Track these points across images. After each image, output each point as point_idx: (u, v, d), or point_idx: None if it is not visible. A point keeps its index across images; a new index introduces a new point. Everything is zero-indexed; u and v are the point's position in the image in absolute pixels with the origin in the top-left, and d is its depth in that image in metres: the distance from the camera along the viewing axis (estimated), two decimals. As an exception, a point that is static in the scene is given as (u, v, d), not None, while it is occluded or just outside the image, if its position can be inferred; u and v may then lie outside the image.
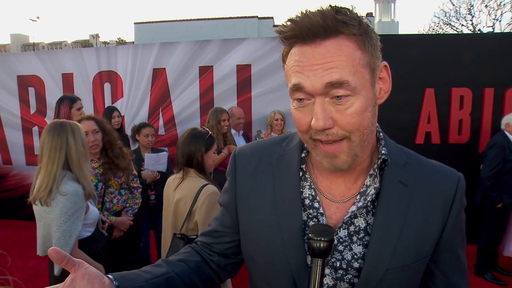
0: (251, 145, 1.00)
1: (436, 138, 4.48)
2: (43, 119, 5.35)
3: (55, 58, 5.35)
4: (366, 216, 0.83)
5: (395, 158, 0.85)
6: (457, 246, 0.88)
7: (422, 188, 0.84)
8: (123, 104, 5.17)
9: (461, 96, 4.40)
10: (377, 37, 0.75)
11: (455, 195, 0.85)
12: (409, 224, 0.81)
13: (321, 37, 0.69)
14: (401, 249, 0.80)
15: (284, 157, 0.90)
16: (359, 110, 0.71)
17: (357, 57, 0.70)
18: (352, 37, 0.70)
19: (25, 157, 5.53)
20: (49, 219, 1.98)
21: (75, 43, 69.22)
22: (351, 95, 0.71)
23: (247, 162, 0.94)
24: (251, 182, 0.92)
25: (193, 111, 5.00)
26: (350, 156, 0.75)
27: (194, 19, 44.71)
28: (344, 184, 0.85)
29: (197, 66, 4.91)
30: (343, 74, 0.69)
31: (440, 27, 28.96)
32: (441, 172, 0.88)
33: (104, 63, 5.18)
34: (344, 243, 0.82)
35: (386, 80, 0.79)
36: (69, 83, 5.27)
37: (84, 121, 2.65)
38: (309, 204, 0.85)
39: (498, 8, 25.98)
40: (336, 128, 0.72)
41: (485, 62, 4.31)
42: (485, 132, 4.40)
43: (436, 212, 0.84)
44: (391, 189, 0.82)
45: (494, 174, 3.72)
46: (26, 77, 5.37)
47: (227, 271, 1.01)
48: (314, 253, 0.72)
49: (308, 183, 0.87)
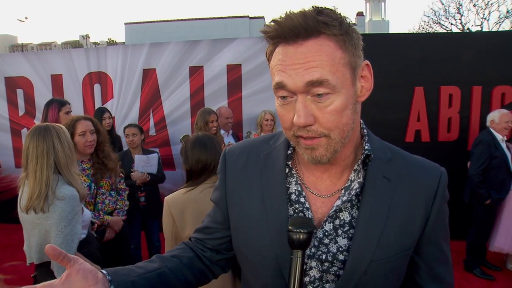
0: (241, 144, 1.03)
1: (426, 136, 4.53)
2: (32, 120, 5.28)
3: (44, 59, 5.29)
4: (351, 210, 0.85)
5: (379, 154, 0.88)
6: (440, 238, 0.90)
7: (406, 183, 0.86)
8: (114, 105, 5.13)
9: (450, 94, 4.46)
10: (358, 36, 0.78)
11: (437, 189, 0.87)
12: (393, 217, 0.84)
13: (302, 37, 0.72)
14: (384, 241, 0.83)
15: (271, 154, 0.93)
16: (339, 108, 0.74)
17: (338, 57, 0.73)
18: (333, 37, 0.72)
19: (14, 160, 5.46)
20: (46, 225, 1.92)
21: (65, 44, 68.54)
22: (331, 93, 0.73)
23: (236, 160, 0.98)
24: (240, 178, 0.95)
25: (183, 111, 4.98)
26: (329, 151, 0.78)
27: (185, 19, 44.55)
28: (330, 179, 0.88)
29: (187, 66, 4.90)
30: (323, 73, 0.72)
31: (430, 26, 29.24)
32: (424, 167, 0.90)
33: (94, 64, 5.14)
34: (329, 236, 0.85)
35: (368, 78, 0.80)
36: (59, 84, 5.22)
37: (82, 121, 2.66)
38: (295, 199, 0.88)
39: (486, 7, 26.30)
40: (317, 125, 0.75)
41: (473, 60, 4.37)
42: (473, 129, 4.46)
43: (419, 206, 0.86)
44: (375, 184, 0.85)
45: (482, 171, 3.78)
46: (14, 79, 5.30)
47: (220, 266, 1.04)
48: (294, 245, 0.75)
49: (295, 179, 0.89)
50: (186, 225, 2.04)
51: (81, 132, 2.65)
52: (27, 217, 1.95)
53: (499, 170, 3.78)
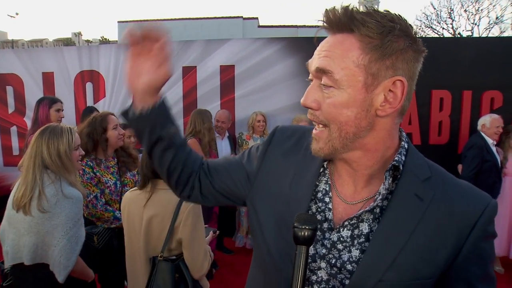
0: (294, 127, 1.03)
1: (417, 139, 4.57)
2: (22, 118, 5.21)
3: (35, 56, 5.22)
4: (372, 222, 0.82)
5: (416, 171, 0.83)
6: (475, 279, 0.81)
7: (441, 206, 0.80)
8: (106, 104, 5.08)
9: (441, 98, 4.51)
10: (405, 49, 0.75)
11: (477, 221, 0.79)
12: (415, 240, 0.78)
13: (337, 30, 0.76)
14: (400, 263, 0.78)
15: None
16: (336, 104, 0.75)
17: (353, 55, 0.74)
18: (361, 37, 0.73)
19: (2, 158, 5.37)
20: (49, 226, 1.86)
21: (56, 41, 67.83)
22: (334, 87, 0.75)
23: (284, 140, 0.99)
24: (280, 159, 0.96)
25: (176, 111, 4.95)
26: (327, 146, 0.79)
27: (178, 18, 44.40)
28: (354, 185, 0.86)
29: (180, 66, 4.88)
30: (330, 64, 0.74)
31: (422, 30, 29.49)
32: (466, 194, 0.83)
33: (86, 62, 5.09)
34: (344, 243, 0.83)
35: (396, 96, 0.76)
36: (50, 83, 5.15)
37: (110, 115, 2.76)
38: (321, 197, 0.88)
39: (476, 13, 26.64)
40: (319, 112, 0.78)
41: (464, 65, 4.43)
42: (463, 133, 4.51)
43: (450, 234, 0.79)
44: (404, 200, 0.80)
45: (474, 174, 3.82)
46: (3, 76, 5.22)
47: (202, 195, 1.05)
48: (299, 241, 0.74)
49: (326, 178, 0.90)
50: (124, 222, 2.07)
51: (114, 126, 2.70)
52: (23, 217, 1.88)
53: (490, 173, 3.83)
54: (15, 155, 5.22)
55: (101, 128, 2.65)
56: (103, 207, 2.56)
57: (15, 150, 5.28)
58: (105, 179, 2.62)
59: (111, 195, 2.63)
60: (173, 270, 1.86)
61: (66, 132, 2.02)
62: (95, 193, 2.55)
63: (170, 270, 1.84)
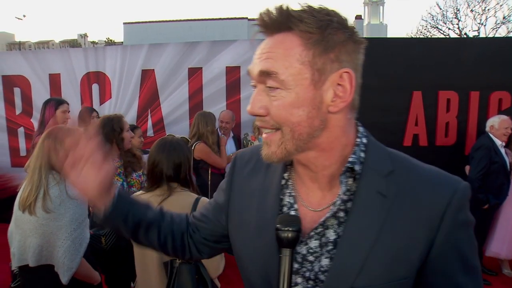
0: (252, 149, 1.01)
1: (424, 140, 4.54)
2: (29, 119, 5.25)
3: (42, 58, 5.26)
4: (338, 227, 0.78)
5: (378, 166, 0.79)
6: (455, 271, 0.77)
7: (406, 200, 0.76)
8: (112, 105, 5.11)
9: (448, 99, 4.47)
10: (346, 41, 0.74)
11: (446, 210, 0.75)
12: (384, 241, 0.74)
13: (275, 30, 0.74)
14: (371, 266, 0.74)
15: (272, 164, 0.90)
16: (286, 105, 0.73)
17: (296, 53, 0.72)
18: (302, 34, 0.72)
19: (10, 159, 5.42)
20: (53, 226, 1.88)
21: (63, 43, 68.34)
22: (281, 88, 0.73)
23: (244, 165, 0.97)
24: (244, 185, 0.95)
25: (182, 113, 4.97)
26: (280, 149, 0.77)
27: (184, 19, 44.55)
28: (320, 191, 0.83)
29: (186, 67, 4.89)
30: (274, 65, 0.72)
31: (427, 30, 29.38)
32: (433, 182, 0.78)
33: (92, 63, 5.12)
34: (314, 254, 0.80)
35: (346, 88, 0.74)
36: (56, 84, 5.19)
37: (124, 118, 2.87)
38: (286, 211, 0.85)
39: (483, 13, 26.48)
40: (269, 117, 0.75)
41: (471, 66, 4.39)
42: (471, 134, 4.48)
43: (420, 229, 0.75)
44: (366, 200, 0.77)
45: (482, 175, 3.78)
46: (11, 77, 5.27)
47: (198, 250, 1.05)
48: (283, 243, 0.72)
49: (289, 190, 0.87)
50: None
51: (128, 128, 2.84)
52: (29, 217, 1.90)
53: (498, 175, 3.79)
54: (22, 156, 5.26)
55: (119, 128, 2.74)
56: None
57: (23, 151, 5.32)
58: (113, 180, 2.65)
59: None
60: (193, 272, 1.86)
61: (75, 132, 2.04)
62: None
63: (190, 272, 1.84)
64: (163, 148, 1.98)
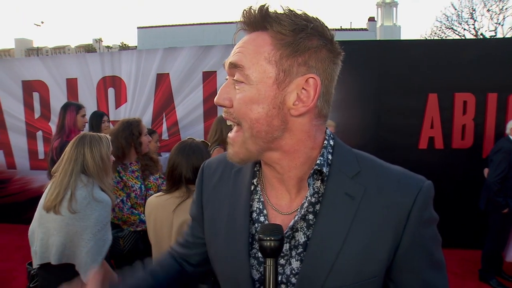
0: (218, 157, 1.00)
1: (440, 143, 4.48)
2: (47, 123, 5.38)
3: (60, 63, 5.39)
4: (307, 230, 0.79)
5: (344, 168, 0.80)
6: (422, 267, 0.79)
7: (373, 201, 0.77)
8: (127, 109, 5.20)
9: (464, 101, 4.41)
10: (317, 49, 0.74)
11: (411, 209, 0.76)
12: (352, 241, 0.76)
13: (252, 28, 0.77)
14: (340, 267, 0.75)
15: (241, 170, 0.91)
16: (246, 99, 0.74)
17: (265, 51, 0.73)
18: (275, 34, 0.73)
19: (29, 162, 5.55)
20: (79, 226, 1.93)
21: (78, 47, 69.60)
22: (244, 83, 0.74)
23: (212, 174, 0.97)
24: (214, 194, 0.94)
25: (196, 116, 5.01)
26: (242, 149, 0.78)
27: (197, 23, 44.91)
28: (288, 194, 0.84)
29: (200, 71, 4.94)
30: (242, 59, 0.74)
31: (442, 31, 29.00)
32: (398, 182, 0.79)
33: (108, 68, 5.22)
34: (285, 257, 0.81)
35: (309, 94, 0.74)
36: (73, 88, 5.30)
37: (142, 122, 2.92)
38: (256, 218, 0.85)
39: (500, 12, 26.01)
40: (232, 109, 0.77)
41: (489, 67, 4.32)
42: (488, 137, 4.40)
43: (387, 228, 0.76)
44: (334, 202, 0.78)
45: (501, 179, 3.71)
46: (30, 82, 5.41)
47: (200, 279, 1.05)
48: (266, 253, 0.71)
49: (258, 196, 0.87)
50: (150, 228, 2.08)
51: (146, 132, 2.89)
52: (54, 216, 1.96)
53: (517, 179, 3.71)
54: (41, 159, 5.38)
55: (138, 132, 2.79)
56: (129, 210, 2.63)
57: (41, 154, 5.44)
58: (131, 183, 2.70)
59: (136, 199, 2.71)
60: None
61: (103, 138, 2.16)
62: (122, 197, 2.62)
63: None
64: (182, 151, 2.01)
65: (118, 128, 2.80)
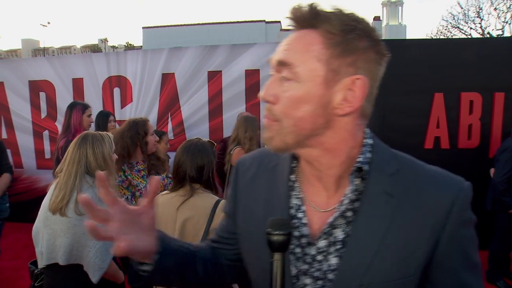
0: (252, 154, 1.02)
1: (445, 143, 4.44)
2: (54, 123, 5.42)
3: (66, 63, 5.42)
4: (346, 227, 0.80)
5: (384, 166, 0.81)
6: (459, 268, 0.79)
7: (412, 199, 0.78)
8: (133, 108, 5.22)
9: (471, 101, 4.37)
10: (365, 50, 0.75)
11: (451, 209, 0.76)
12: (391, 238, 0.76)
13: (302, 26, 0.77)
14: (378, 264, 0.76)
15: (278, 166, 0.92)
16: (293, 98, 0.75)
17: (315, 50, 0.74)
18: (325, 33, 0.74)
19: (35, 161, 5.60)
20: None
21: (84, 47, 70.01)
22: (293, 80, 0.75)
23: (246, 170, 0.98)
24: (248, 190, 0.95)
25: (201, 116, 5.03)
26: (278, 138, 0.78)
27: (202, 23, 45.06)
28: (326, 192, 0.84)
29: (205, 71, 4.95)
30: (291, 57, 0.75)
31: (448, 30, 28.82)
32: (438, 182, 0.80)
33: (114, 68, 5.24)
34: (323, 253, 0.81)
35: (355, 94, 0.75)
36: (79, 88, 5.34)
37: (148, 122, 2.92)
38: (293, 214, 0.85)
39: (507, 10, 25.77)
40: (275, 107, 0.77)
41: (495, 66, 4.27)
42: (495, 137, 4.36)
43: (426, 227, 0.77)
44: (374, 200, 0.78)
45: (507, 178, 3.68)
46: (37, 82, 5.45)
47: (233, 275, 1.04)
48: (274, 247, 0.72)
49: (296, 192, 0.87)
50: None
51: (152, 132, 2.90)
52: (60, 218, 1.95)
53: (524, 178, 3.68)
54: (47, 159, 5.42)
55: (143, 132, 2.80)
56: None
57: (47, 154, 5.49)
58: (136, 182, 2.71)
59: (141, 198, 2.71)
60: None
61: (105, 137, 2.14)
62: (126, 196, 2.64)
63: None
64: (187, 150, 2.04)
65: (124, 127, 2.83)
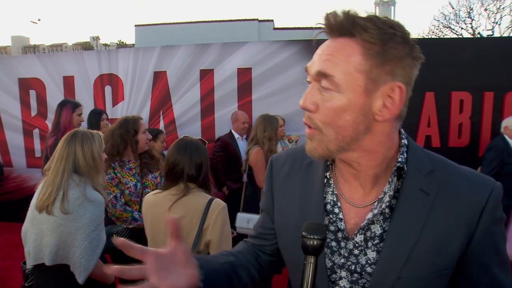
0: (287, 151, 1.06)
1: (436, 141, 4.49)
2: (44, 121, 5.35)
3: (56, 60, 5.35)
4: (383, 222, 0.84)
5: (419, 166, 0.84)
6: (490, 263, 0.83)
7: (446, 197, 0.82)
8: (124, 107, 5.18)
9: (461, 100, 4.42)
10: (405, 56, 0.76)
11: (484, 207, 0.80)
12: (427, 234, 0.80)
13: (338, 34, 0.77)
14: (415, 258, 0.80)
15: (312, 164, 0.95)
16: (335, 107, 0.76)
17: (355, 61, 0.74)
18: (364, 43, 0.74)
19: (25, 160, 5.52)
20: (72, 227, 1.90)
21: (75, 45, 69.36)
22: (334, 91, 0.76)
23: (281, 167, 1.02)
24: (283, 186, 0.99)
25: (193, 114, 5.00)
26: (321, 146, 0.80)
27: (195, 21, 44.84)
28: (362, 189, 0.87)
29: (197, 69, 4.92)
30: (332, 68, 0.75)
31: (440, 30, 29.05)
32: (471, 181, 0.84)
33: (105, 66, 5.19)
34: (359, 248, 0.85)
35: (394, 101, 0.77)
36: (70, 86, 5.28)
37: (140, 120, 2.88)
38: (330, 209, 0.90)
39: (497, 11, 26.06)
40: (315, 115, 0.79)
41: (485, 66, 4.32)
42: (484, 136, 4.42)
43: (460, 224, 0.80)
44: (410, 197, 0.82)
45: (492, 176, 3.72)
46: (27, 80, 5.38)
47: (275, 268, 1.09)
48: (308, 251, 0.74)
49: (331, 188, 0.91)
50: (146, 225, 2.08)
51: (144, 130, 2.84)
52: (47, 217, 1.93)
53: (511, 177, 3.72)
54: (37, 157, 5.36)
55: (133, 130, 2.76)
56: (122, 207, 2.63)
57: (37, 152, 5.42)
58: (126, 180, 2.68)
59: (130, 196, 2.69)
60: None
61: (95, 135, 2.12)
62: (115, 193, 2.61)
63: None
64: (183, 149, 2.01)
65: (115, 126, 2.79)
